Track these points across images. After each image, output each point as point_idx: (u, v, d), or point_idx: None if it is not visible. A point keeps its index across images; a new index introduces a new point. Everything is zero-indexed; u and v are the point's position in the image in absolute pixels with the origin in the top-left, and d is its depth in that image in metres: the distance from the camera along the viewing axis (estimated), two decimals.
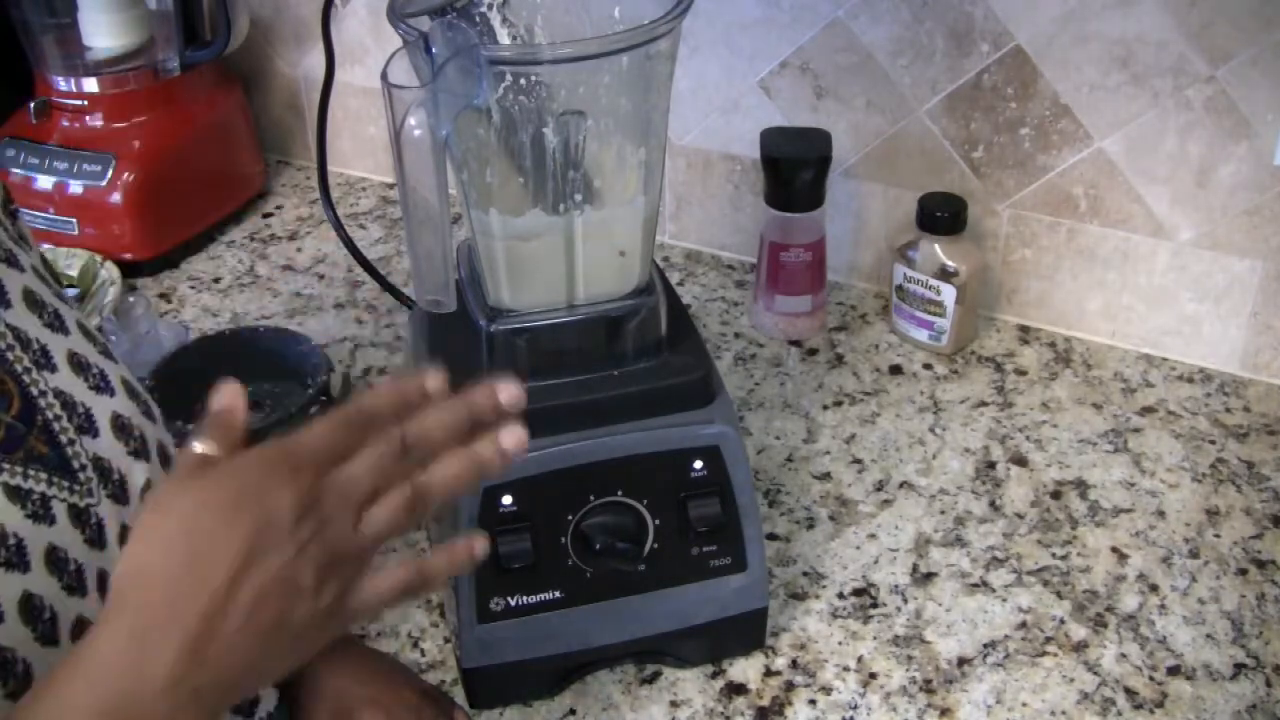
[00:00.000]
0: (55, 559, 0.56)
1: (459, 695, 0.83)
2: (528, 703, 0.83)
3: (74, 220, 1.29)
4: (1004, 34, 1.08)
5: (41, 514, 0.56)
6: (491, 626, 0.79)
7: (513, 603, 0.79)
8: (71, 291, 1.21)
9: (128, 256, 1.29)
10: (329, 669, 0.79)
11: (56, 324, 0.63)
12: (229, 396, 0.56)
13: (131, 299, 1.13)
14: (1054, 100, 1.09)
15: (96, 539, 0.59)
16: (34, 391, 0.59)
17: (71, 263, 1.24)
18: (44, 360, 0.61)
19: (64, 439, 0.59)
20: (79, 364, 0.63)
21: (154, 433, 0.66)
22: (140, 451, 0.64)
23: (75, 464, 0.59)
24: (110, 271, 1.24)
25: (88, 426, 0.61)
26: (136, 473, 0.63)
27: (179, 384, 1.06)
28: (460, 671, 0.82)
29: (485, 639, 0.79)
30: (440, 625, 0.89)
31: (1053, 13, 1.05)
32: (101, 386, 0.63)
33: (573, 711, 0.83)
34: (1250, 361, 1.11)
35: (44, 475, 0.57)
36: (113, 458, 0.62)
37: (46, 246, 1.26)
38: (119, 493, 0.61)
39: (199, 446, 0.54)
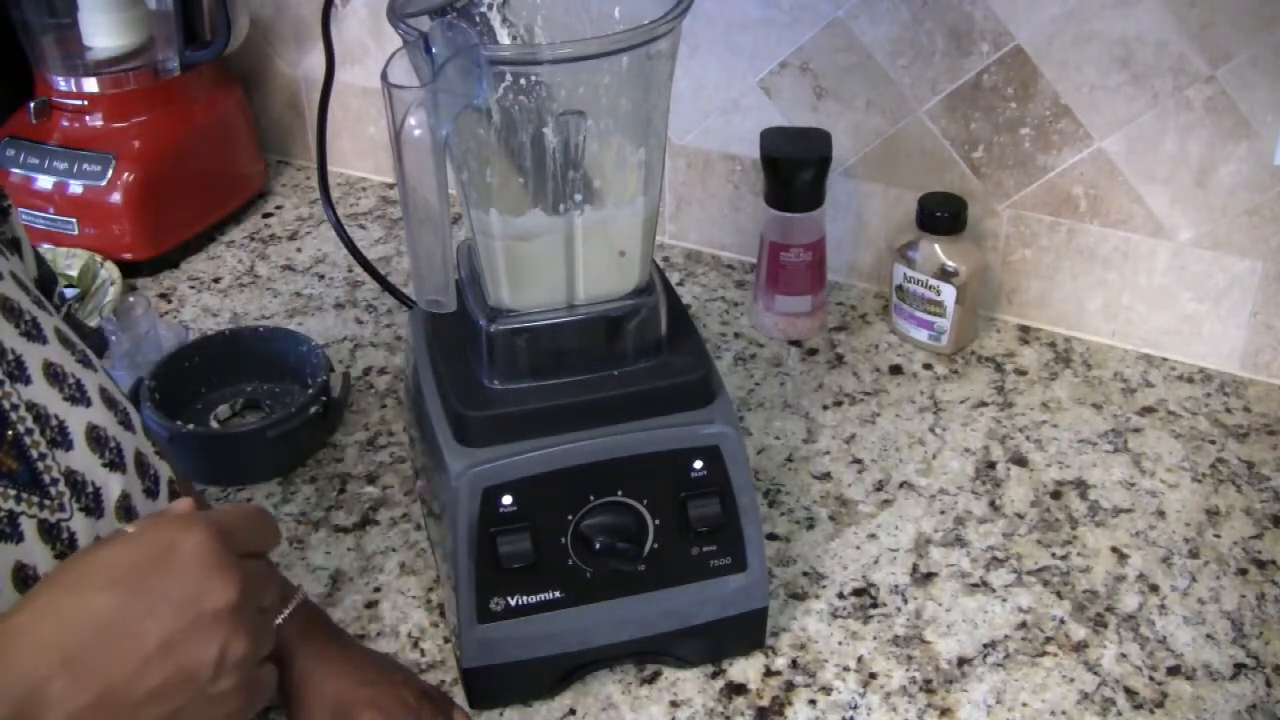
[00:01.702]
0: (23, 578, 0.56)
1: (459, 695, 0.83)
2: (528, 703, 0.83)
3: (74, 220, 1.29)
4: (1004, 34, 1.08)
5: (8, 532, 0.56)
6: (491, 626, 0.79)
7: (513, 603, 0.79)
8: (71, 292, 1.21)
9: (128, 256, 1.29)
10: (328, 670, 0.79)
11: (34, 333, 0.63)
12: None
13: (131, 299, 1.13)
14: (1054, 100, 1.09)
15: (68, 554, 0.58)
16: (5, 405, 0.59)
17: (71, 263, 1.24)
18: (18, 372, 0.60)
19: (34, 454, 0.59)
20: (55, 375, 0.62)
21: (131, 442, 0.65)
22: (116, 463, 0.63)
23: (46, 479, 0.59)
24: (110, 271, 1.24)
25: (61, 440, 0.60)
26: (112, 485, 0.62)
27: (179, 384, 1.07)
28: (460, 671, 0.82)
29: (485, 639, 0.79)
30: (440, 625, 0.89)
31: (1053, 13, 1.05)
32: (77, 397, 0.63)
33: (573, 711, 0.83)
34: (1250, 361, 1.11)
35: (12, 492, 0.57)
36: (87, 470, 0.61)
37: (46, 246, 1.26)
38: (93, 506, 0.61)
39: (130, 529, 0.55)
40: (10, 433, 0.58)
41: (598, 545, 0.78)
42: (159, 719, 0.51)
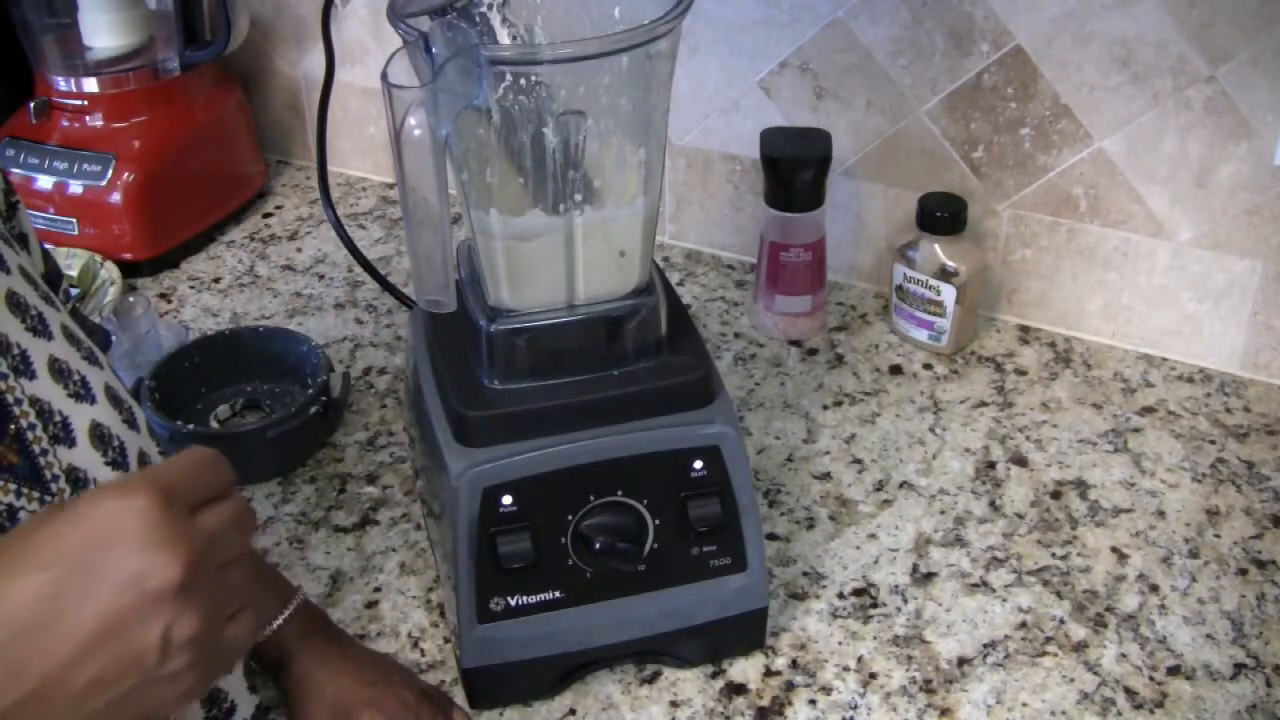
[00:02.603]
0: None
1: (459, 695, 0.83)
2: (528, 703, 0.83)
3: (74, 220, 1.29)
4: (1004, 34, 1.08)
5: (7, 526, 0.55)
6: (491, 626, 0.79)
7: (513, 603, 0.79)
8: (72, 292, 1.21)
9: (128, 256, 1.29)
10: (328, 670, 0.79)
11: (40, 328, 0.62)
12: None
13: (131, 299, 1.13)
14: (1054, 100, 1.09)
15: None
16: (9, 399, 0.58)
17: (71, 263, 1.24)
18: (22, 366, 0.60)
19: (36, 449, 0.58)
20: (60, 371, 0.62)
21: (135, 441, 0.65)
22: (119, 462, 0.62)
23: (47, 474, 0.58)
24: (110, 271, 1.24)
25: (63, 436, 0.60)
26: None
27: (179, 384, 1.07)
28: (460, 671, 0.82)
29: (485, 639, 0.79)
30: (440, 625, 0.89)
31: (1053, 13, 1.05)
32: (82, 394, 0.62)
33: (573, 711, 0.83)
34: (1250, 361, 1.11)
35: (12, 486, 0.56)
36: (89, 468, 0.60)
37: (47, 246, 1.26)
38: None
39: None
40: (13, 427, 0.58)
41: (598, 545, 0.78)
42: (104, 707, 0.48)
